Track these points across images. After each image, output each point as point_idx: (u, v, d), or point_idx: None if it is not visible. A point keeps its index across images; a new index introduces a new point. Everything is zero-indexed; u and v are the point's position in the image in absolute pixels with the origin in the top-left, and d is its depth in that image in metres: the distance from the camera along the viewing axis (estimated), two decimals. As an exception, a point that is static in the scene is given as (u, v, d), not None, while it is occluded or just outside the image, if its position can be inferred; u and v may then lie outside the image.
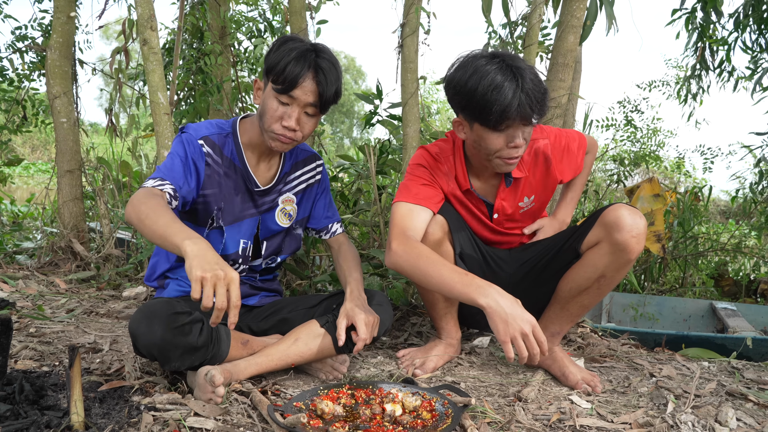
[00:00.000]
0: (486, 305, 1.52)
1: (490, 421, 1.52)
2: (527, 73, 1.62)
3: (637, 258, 1.73)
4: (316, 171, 1.98)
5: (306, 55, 1.63)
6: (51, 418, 1.34)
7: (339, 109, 29.45)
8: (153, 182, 1.61)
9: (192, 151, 1.72)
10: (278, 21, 4.25)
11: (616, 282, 1.75)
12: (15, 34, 3.86)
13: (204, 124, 1.79)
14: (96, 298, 2.80)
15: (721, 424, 1.52)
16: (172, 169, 1.67)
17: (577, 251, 1.82)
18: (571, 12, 2.47)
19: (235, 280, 1.30)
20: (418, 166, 1.90)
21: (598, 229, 1.74)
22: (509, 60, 1.65)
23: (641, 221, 1.66)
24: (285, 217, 1.92)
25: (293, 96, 1.64)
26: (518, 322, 1.49)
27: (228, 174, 1.79)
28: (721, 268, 4.51)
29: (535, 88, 1.62)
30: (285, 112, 1.67)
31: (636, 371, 1.98)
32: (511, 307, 1.51)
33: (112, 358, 1.92)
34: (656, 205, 3.44)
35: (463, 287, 1.58)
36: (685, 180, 9.54)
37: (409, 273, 1.71)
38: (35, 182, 11.33)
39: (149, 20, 2.72)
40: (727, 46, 4.70)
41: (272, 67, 1.64)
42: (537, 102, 1.62)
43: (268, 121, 1.69)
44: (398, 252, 1.71)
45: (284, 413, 1.45)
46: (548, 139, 1.92)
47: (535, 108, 1.63)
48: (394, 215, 1.83)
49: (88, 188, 3.80)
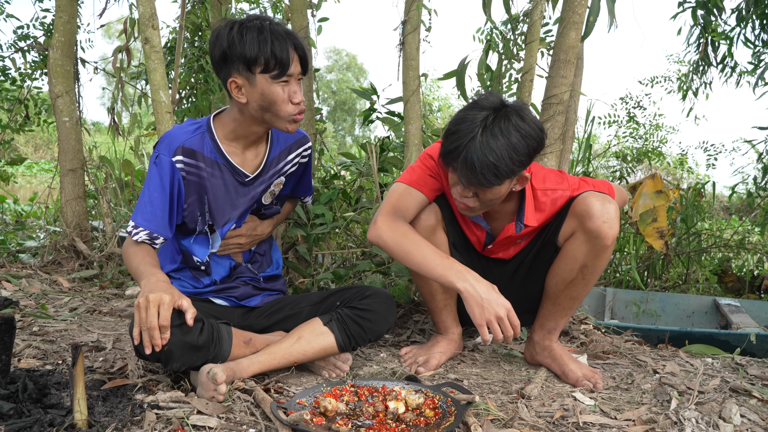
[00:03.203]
0: (463, 289, 1.59)
1: (493, 418, 1.51)
2: (498, 139, 1.55)
3: (615, 242, 1.71)
4: (306, 153, 1.98)
5: (273, 31, 1.61)
6: (54, 416, 1.34)
7: (341, 107, 29.44)
8: (132, 230, 1.70)
9: (167, 174, 1.69)
10: (279, 19, 4.25)
11: (600, 269, 1.76)
12: (17, 33, 3.87)
13: (178, 130, 1.75)
14: (99, 297, 2.80)
15: (724, 420, 1.51)
16: (153, 212, 1.69)
17: (556, 244, 1.83)
18: (573, 8, 2.46)
19: (165, 303, 1.46)
20: (429, 157, 1.87)
21: (571, 219, 1.75)
22: (500, 115, 1.58)
23: (611, 206, 1.67)
24: (270, 196, 1.94)
25: (290, 73, 1.64)
26: (494, 307, 1.57)
27: (214, 174, 1.76)
28: (725, 264, 4.50)
29: (480, 160, 1.54)
30: (290, 91, 1.67)
31: (639, 368, 1.98)
32: (487, 292, 1.58)
33: (115, 356, 1.92)
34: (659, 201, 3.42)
35: (442, 270, 1.63)
36: (688, 176, 9.52)
37: (391, 249, 1.73)
38: (38, 181, 11.36)
39: (151, 19, 2.72)
40: (729, 41, 4.69)
41: (254, 59, 1.60)
42: (475, 172, 1.56)
43: (282, 107, 1.67)
44: (383, 228, 1.74)
45: (287, 411, 1.45)
46: (569, 190, 1.82)
47: (471, 179, 1.58)
48: (390, 193, 1.84)
49: (91, 187, 3.80)
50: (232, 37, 1.60)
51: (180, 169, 1.71)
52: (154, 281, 1.53)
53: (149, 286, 1.51)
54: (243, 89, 1.65)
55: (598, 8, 2.49)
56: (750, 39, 4.63)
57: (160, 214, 1.69)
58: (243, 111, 1.71)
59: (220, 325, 1.66)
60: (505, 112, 1.59)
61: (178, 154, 1.70)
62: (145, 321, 1.45)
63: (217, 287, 1.89)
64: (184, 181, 1.73)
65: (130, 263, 1.67)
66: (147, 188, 1.71)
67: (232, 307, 1.92)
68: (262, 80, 1.63)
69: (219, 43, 1.63)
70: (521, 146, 1.58)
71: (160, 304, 1.46)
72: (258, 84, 1.63)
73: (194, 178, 1.74)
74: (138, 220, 1.69)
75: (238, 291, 1.91)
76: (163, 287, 1.51)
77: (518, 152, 1.58)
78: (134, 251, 1.67)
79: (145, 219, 1.69)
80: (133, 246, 1.68)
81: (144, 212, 1.69)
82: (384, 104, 2.93)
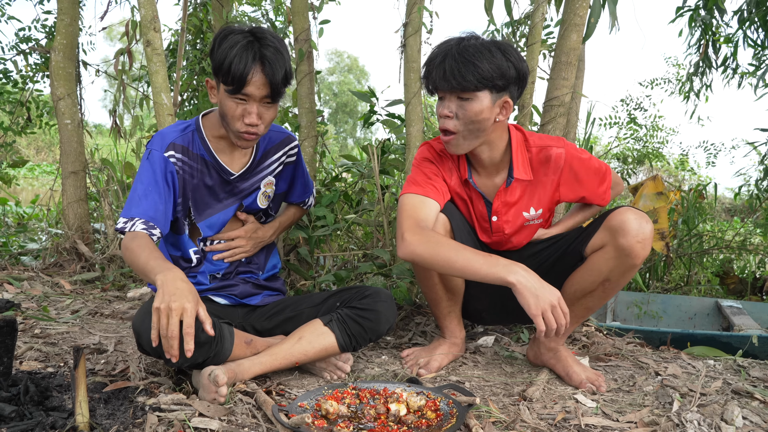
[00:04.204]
0: (516, 282, 1.55)
1: (494, 420, 1.51)
2: (470, 48, 1.65)
3: (643, 263, 1.70)
4: (292, 152, 2.00)
5: (248, 48, 1.61)
6: (56, 419, 1.34)
7: (342, 109, 29.45)
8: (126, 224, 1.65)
9: (160, 168, 1.71)
10: (281, 22, 4.25)
11: (621, 286, 1.74)
12: (19, 35, 3.88)
13: (168, 130, 1.79)
14: (101, 299, 2.81)
15: (727, 422, 1.51)
16: (149, 205, 1.68)
17: (582, 254, 1.81)
18: (574, 10, 2.47)
19: (188, 311, 1.40)
20: (424, 159, 1.89)
21: (603, 232, 1.72)
22: (470, 37, 1.70)
23: (647, 225, 1.64)
24: (265, 199, 1.96)
25: (246, 93, 1.64)
26: (547, 296, 1.54)
27: (202, 170, 1.81)
28: (726, 265, 4.49)
29: (457, 60, 1.64)
30: (245, 110, 1.67)
31: (641, 370, 1.98)
32: (539, 282, 1.56)
33: (116, 358, 1.92)
34: (659, 203, 3.43)
35: (489, 267, 1.59)
36: (690, 178, 9.52)
37: (428, 261, 1.68)
38: (40, 184, 11.36)
39: (152, 21, 2.73)
40: (734, 44, 4.68)
41: (218, 66, 1.62)
42: (453, 72, 1.65)
43: (231, 121, 1.69)
44: (414, 242, 1.69)
45: (289, 413, 1.45)
46: (564, 148, 1.84)
47: (450, 80, 1.66)
48: (404, 206, 1.81)
49: (93, 189, 3.81)
50: (217, 42, 1.65)
51: (173, 163, 1.74)
52: (172, 278, 1.45)
53: (168, 286, 1.43)
54: (213, 90, 1.73)
55: (600, 10, 2.49)
56: (752, 40, 4.62)
57: (155, 206, 1.68)
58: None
59: (222, 324, 1.66)
60: (487, 39, 1.69)
61: (170, 150, 1.74)
62: (166, 329, 1.40)
63: (217, 284, 1.90)
64: (177, 176, 1.76)
65: (135, 261, 1.56)
66: (140, 182, 1.70)
67: (234, 306, 1.93)
68: (222, 90, 1.67)
69: (212, 43, 1.69)
70: (503, 60, 1.66)
71: (183, 312, 1.40)
72: (220, 92, 1.69)
73: (185, 175, 1.78)
74: (133, 212, 1.66)
75: (237, 289, 1.93)
76: (184, 290, 1.43)
77: (499, 62, 1.66)
78: (137, 246, 1.58)
79: (140, 211, 1.66)
80: (133, 241, 1.60)
81: (139, 205, 1.67)
82: (383, 106, 2.93)
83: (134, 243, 1.60)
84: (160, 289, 1.43)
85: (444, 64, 1.66)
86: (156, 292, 1.44)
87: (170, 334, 1.39)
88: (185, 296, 1.42)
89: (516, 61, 1.68)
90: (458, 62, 1.63)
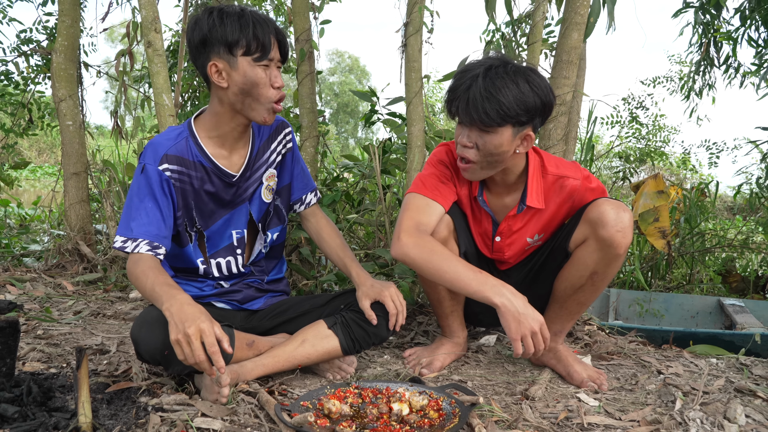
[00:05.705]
0: (500, 304, 1.56)
1: (497, 419, 1.51)
2: (496, 80, 1.58)
3: (627, 251, 1.70)
4: (287, 138, 1.93)
5: (254, 16, 1.62)
6: (59, 419, 1.34)
7: (343, 110, 29.45)
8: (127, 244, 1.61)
9: (156, 182, 1.66)
10: (282, 22, 4.26)
11: (610, 276, 1.74)
12: (20, 37, 3.88)
13: (160, 138, 1.72)
14: (103, 300, 2.81)
15: (729, 420, 1.51)
16: (150, 222, 1.64)
17: (567, 251, 1.81)
18: (575, 9, 2.46)
19: (206, 331, 1.37)
20: (440, 162, 1.86)
21: (584, 226, 1.73)
22: (511, 65, 1.62)
23: (625, 215, 1.64)
24: (269, 192, 1.90)
25: (271, 57, 1.65)
26: (529, 322, 1.54)
27: (201, 177, 1.74)
28: (729, 264, 4.49)
29: (482, 95, 1.58)
30: (271, 75, 1.66)
31: (644, 368, 1.98)
32: (524, 306, 1.56)
33: (119, 359, 1.92)
34: (660, 201, 3.42)
35: (478, 285, 1.59)
36: (692, 176, 9.51)
37: (420, 266, 1.70)
38: (42, 185, 11.37)
39: (153, 22, 2.73)
40: (734, 42, 4.68)
41: (237, 41, 1.60)
42: (476, 107, 1.59)
43: (263, 91, 1.65)
44: (409, 244, 1.70)
45: (291, 413, 1.45)
46: (580, 180, 1.82)
47: (472, 115, 1.60)
48: (408, 205, 1.80)
49: (95, 190, 3.81)
50: (212, 21, 1.60)
51: (168, 176, 1.68)
52: (178, 306, 1.42)
53: (176, 315, 1.40)
54: (224, 73, 1.64)
55: (599, 9, 2.49)
56: (754, 39, 4.61)
57: (158, 224, 1.64)
58: (222, 100, 1.69)
59: (222, 327, 1.65)
60: (515, 65, 1.63)
61: (164, 163, 1.67)
62: (192, 356, 1.37)
63: (220, 291, 1.88)
64: (175, 188, 1.70)
65: (141, 287, 1.54)
66: (137, 198, 1.65)
67: (234, 310, 1.92)
68: (244, 63, 1.62)
69: (198, 29, 1.62)
70: (528, 94, 1.60)
71: (201, 334, 1.37)
72: (240, 66, 1.62)
73: (184, 185, 1.72)
74: (135, 232, 1.61)
75: (240, 295, 1.90)
76: (194, 313, 1.40)
77: (524, 97, 1.59)
78: (141, 272, 1.55)
79: (143, 231, 1.62)
80: (137, 266, 1.57)
81: (140, 223, 1.62)
82: (384, 105, 2.93)
83: (138, 268, 1.56)
84: (170, 320, 1.40)
85: (468, 93, 1.60)
86: (169, 323, 1.40)
87: (198, 359, 1.37)
88: (197, 318, 1.39)
89: (542, 92, 1.62)
90: (482, 96, 1.58)
